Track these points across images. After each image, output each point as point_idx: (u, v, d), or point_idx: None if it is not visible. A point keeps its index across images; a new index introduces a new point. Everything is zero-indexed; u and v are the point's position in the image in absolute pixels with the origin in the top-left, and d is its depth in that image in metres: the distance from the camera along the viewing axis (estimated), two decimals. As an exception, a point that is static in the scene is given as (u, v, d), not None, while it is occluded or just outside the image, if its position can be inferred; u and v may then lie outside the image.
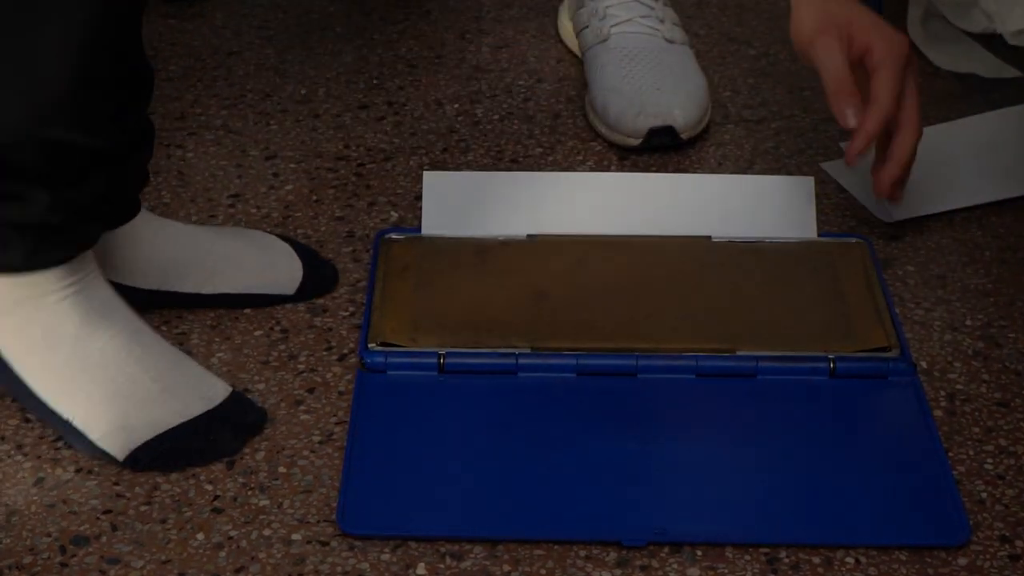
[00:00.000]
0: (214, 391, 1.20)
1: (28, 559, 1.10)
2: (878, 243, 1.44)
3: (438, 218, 1.41)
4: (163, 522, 1.13)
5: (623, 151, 1.58)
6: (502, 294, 1.33)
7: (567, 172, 1.53)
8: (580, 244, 1.38)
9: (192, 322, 1.33)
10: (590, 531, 1.12)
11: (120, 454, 1.16)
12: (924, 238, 1.46)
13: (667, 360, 1.25)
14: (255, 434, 1.20)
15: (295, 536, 1.12)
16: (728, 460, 1.19)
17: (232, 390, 1.21)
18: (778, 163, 1.57)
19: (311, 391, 1.26)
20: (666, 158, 1.58)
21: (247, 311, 1.34)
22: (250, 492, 1.16)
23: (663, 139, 1.56)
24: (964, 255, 1.43)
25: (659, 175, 1.48)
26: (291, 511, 1.14)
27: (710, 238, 1.40)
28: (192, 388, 1.19)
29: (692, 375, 1.24)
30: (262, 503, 1.15)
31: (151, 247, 1.31)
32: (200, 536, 1.12)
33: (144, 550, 1.11)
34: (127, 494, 1.15)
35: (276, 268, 1.35)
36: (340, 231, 1.46)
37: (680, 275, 1.37)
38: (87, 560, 1.10)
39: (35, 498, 1.15)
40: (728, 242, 1.39)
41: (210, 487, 1.16)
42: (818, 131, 1.63)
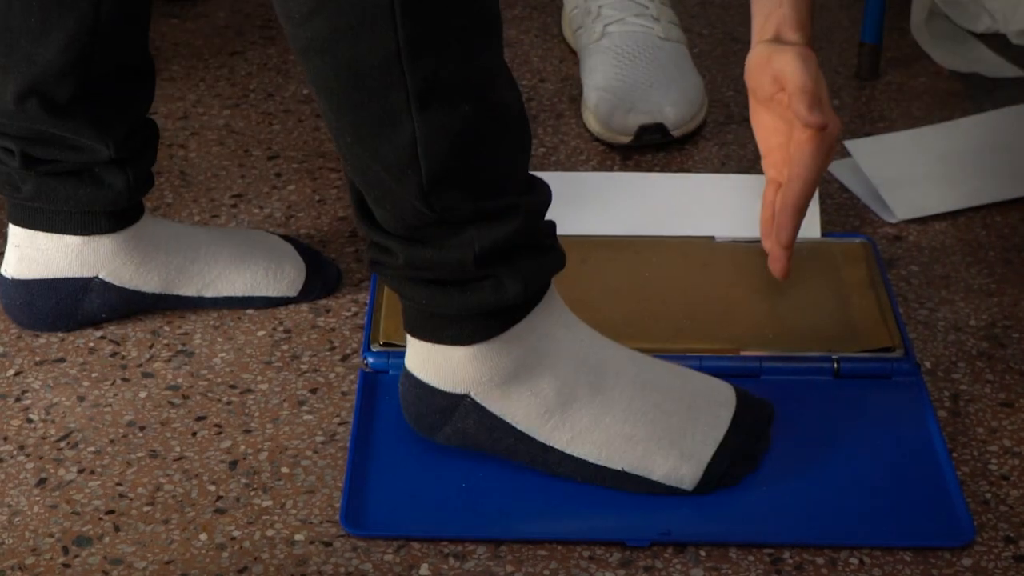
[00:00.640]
0: (725, 393, 1.18)
1: (31, 560, 1.10)
2: (882, 243, 1.44)
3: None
4: (166, 523, 1.13)
5: (625, 151, 1.58)
6: (505, 294, 1.32)
7: (570, 172, 1.53)
8: (583, 244, 1.38)
9: (195, 322, 1.33)
10: (593, 531, 1.12)
11: (690, 484, 1.14)
12: (928, 238, 1.45)
13: (671, 360, 1.24)
14: (772, 423, 1.18)
15: (298, 537, 1.12)
16: (732, 460, 1.18)
17: (733, 387, 1.18)
18: (781, 163, 1.57)
19: (314, 391, 1.26)
20: (669, 158, 1.58)
21: (250, 311, 1.34)
22: (253, 493, 1.16)
23: (654, 136, 1.56)
24: (968, 255, 1.43)
25: (662, 175, 1.48)
26: (294, 511, 1.14)
27: (713, 238, 1.40)
28: (710, 396, 1.17)
29: (696, 375, 1.24)
30: (265, 504, 1.15)
31: (154, 251, 1.31)
32: (203, 537, 1.12)
33: (147, 551, 1.11)
34: (130, 495, 1.15)
35: (279, 270, 1.34)
36: (343, 231, 1.46)
37: (683, 275, 1.37)
38: (90, 561, 1.10)
39: (37, 499, 1.15)
40: (731, 242, 1.39)
41: (213, 487, 1.16)
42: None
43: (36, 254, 1.29)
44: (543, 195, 1.11)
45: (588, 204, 1.42)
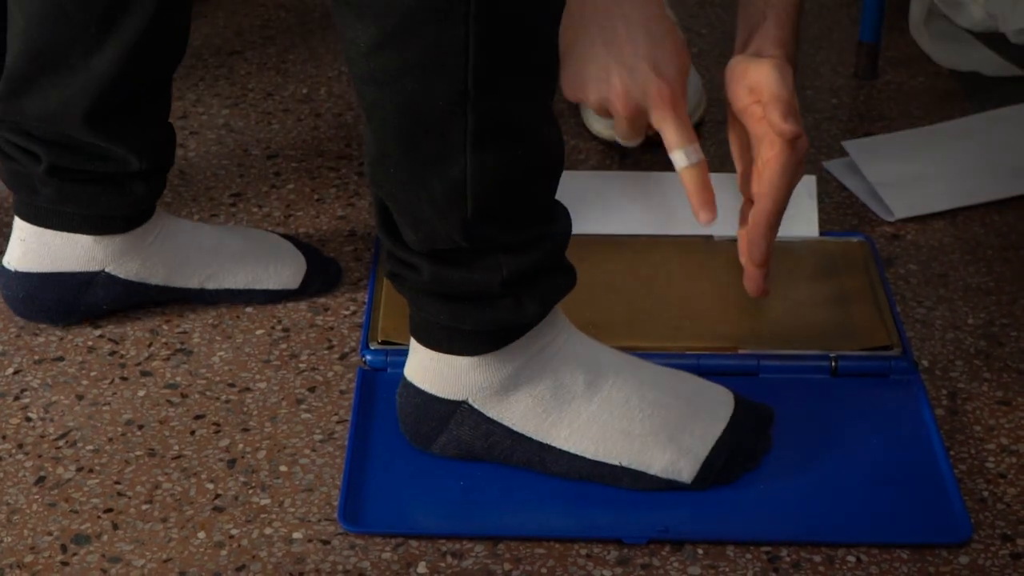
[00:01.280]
0: (724, 394, 1.18)
1: (29, 558, 1.10)
2: (880, 242, 1.44)
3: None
4: (164, 521, 1.13)
5: (624, 150, 1.58)
6: (503, 293, 1.33)
7: (569, 171, 1.53)
8: (582, 243, 1.37)
9: (194, 321, 1.33)
10: (591, 529, 1.12)
11: (688, 478, 1.14)
12: (926, 237, 1.45)
13: (669, 358, 1.24)
14: (772, 425, 1.19)
15: (296, 535, 1.12)
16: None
17: (732, 391, 1.19)
18: (780, 162, 1.57)
19: (312, 390, 1.26)
20: (668, 157, 1.57)
21: (248, 310, 1.34)
22: (251, 491, 1.16)
23: (652, 132, 1.55)
24: (966, 253, 1.43)
25: (661, 174, 1.48)
26: (292, 510, 1.14)
27: (711, 237, 1.40)
28: (708, 396, 1.17)
29: (694, 374, 1.23)
30: (263, 502, 1.15)
31: (160, 245, 1.31)
32: (201, 535, 1.12)
33: (145, 549, 1.11)
34: (128, 493, 1.15)
35: (280, 264, 1.35)
36: (342, 230, 1.46)
37: (681, 274, 1.37)
38: (88, 559, 1.10)
39: (36, 497, 1.15)
40: (730, 241, 1.39)
41: (211, 486, 1.16)
42: (820, 130, 1.63)
43: (43, 249, 1.29)
44: (567, 221, 1.12)
45: (587, 203, 1.42)
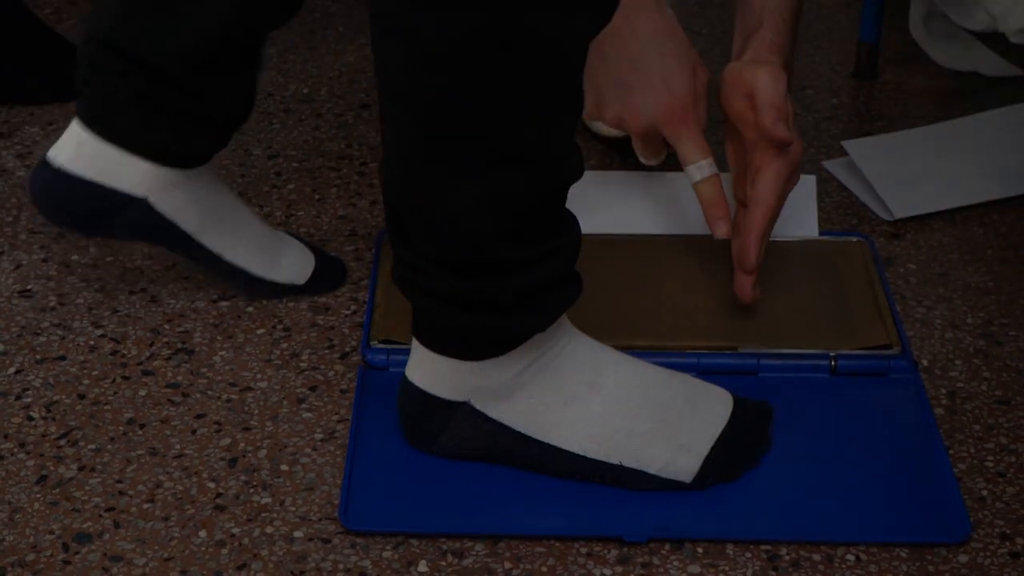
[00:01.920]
0: (723, 394, 1.18)
1: (31, 557, 1.10)
2: (879, 241, 1.44)
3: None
4: (165, 520, 1.13)
5: (625, 150, 1.58)
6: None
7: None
8: (582, 242, 1.38)
9: (195, 320, 1.33)
10: (591, 527, 1.12)
11: (688, 476, 1.15)
12: (925, 236, 1.46)
13: (669, 357, 1.25)
14: (770, 421, 1.19)
15: (297, 533, 1.12)
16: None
17: (731, 392, 1.19)
18: (780, 161, 1.57)
19: (313, 389, 1.26)
20: (669, 156, 1.58)
21: (249, 309, 1.35)
22: (252, 490, 1.16)
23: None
24: (965, 253, 1.43)
25: (661, 174, 1.48)
26: (293, 509, 1.14)
27: (712, 236, 1.40)
28: (708, 396, 1.17)
29: (694, 372, 1.24)
30: (264, 501, 1.15)
31: (203, 193, 1.31)
32: (202, 534, 1.12)
33: (146, 547, 1.11)
34: (129, 492, 1.16)
35: (289, 257, 1.35)
36: (342, 230, 1.46)
37: (681, 274, 1.37)
38: (90, 558, 1.10)
39: (38, 496, 1.15)
40: (730, 240, 1.39)
41: (212, 485, 1.16)
42: (819, 130, 1.63)
43: (98, 158, 1.27)
44: (577, 233, 1.12)
45: (587, 203, 1.42)
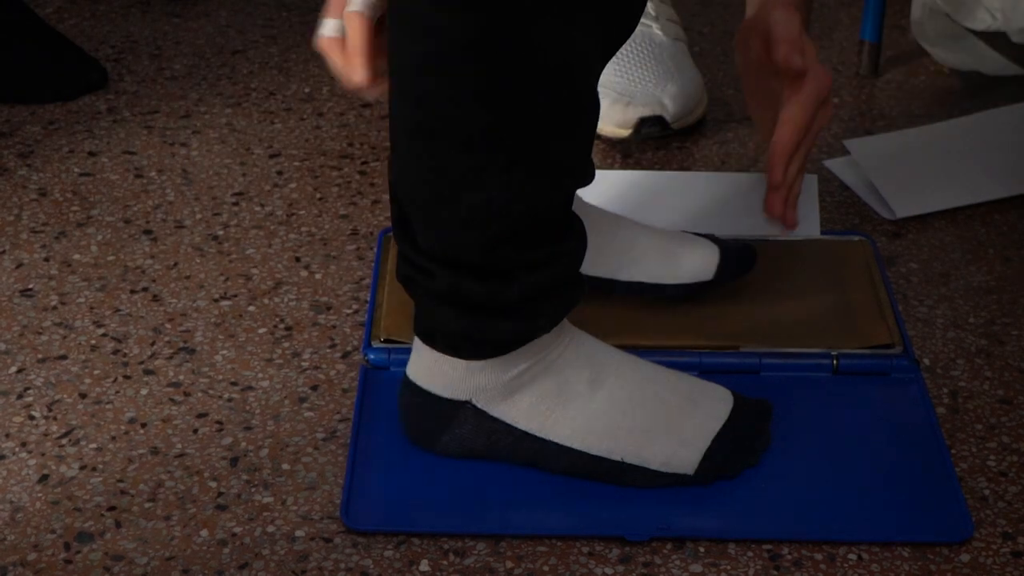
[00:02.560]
0: (723, 392, 1.18)
1: (33, 556, 1.10)
2: (881, 240, 1.44)
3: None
4: (167, 519, 1.13)
5: (626, 149, 1.58)
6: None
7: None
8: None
9: (196, 320, 1.33)
10: (593, 526, 1.12)
11: (690, 470, 1.15)
12: (927, 235, 1.46)
13: (671, 356, 1.25)
14: (770, 417, 1.18)
15: (299, 533, 1.12)
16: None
17: (730, 391, 1.19)
18: (781, 161, 1.57)
19: (315, 388, 1.26)
20: (669, 156, 1.58)
21: (251, 308, 1.35)
22: (254, 489, 1.16)
23: (653, 129, 1.56)
24: (967, 252, 1.43)
25: (662, 173, 1.48)
26: (295, 508, 1.14)
27: (714, 236, 1.40)
28: (708, 393, 1.17)
29: (696, 372, 1.24)
30: (266, 500, 1.15)
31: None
32: (204, 533, 1.12)
33: (148, 547, 1.11)
34: (131, 491, 1.16)
35: (689, 255, 1.31)
36: (344, 229, 1.46)
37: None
38: (91, 557, 1.10)
39: (39, 495, 1.15)
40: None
41: (214, 484, 1.16)
42: (821, 129, 1.63)
43: None
44: (583, 236, 1.12)
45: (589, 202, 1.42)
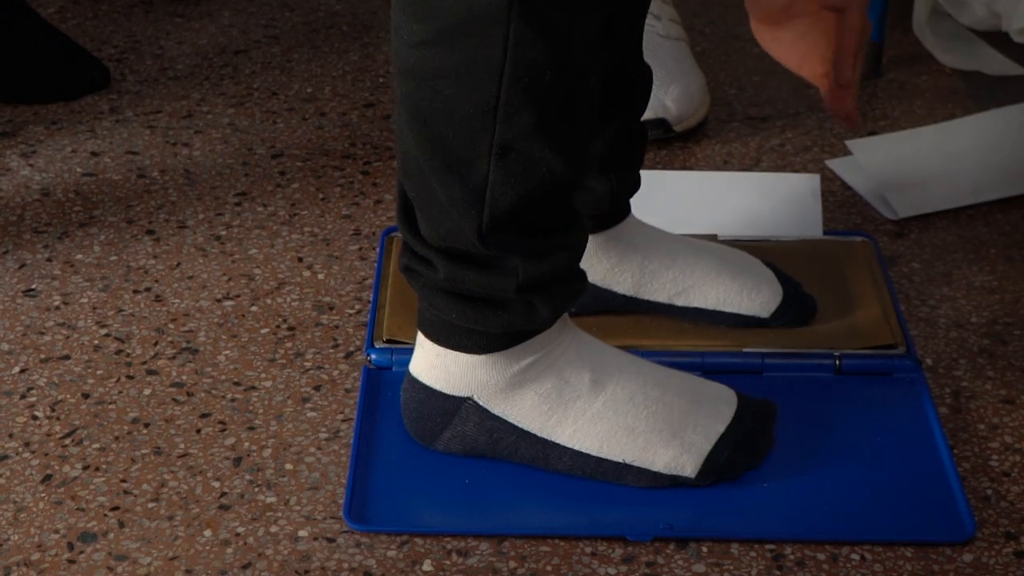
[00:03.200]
0: (727, 392, 1.18)
1: (36, 556, 1.10)
2: (883, 240, 1.44)
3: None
4: (170, 519, 1.13)
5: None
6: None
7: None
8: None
9: (199, 320, 1.33)
10: (596, 527, 1.12)
11: (692, 473, 1.15)
12: (930, 235, 1.46)
13: (673, 356, 1.25)
14: (774, 419, 1.18)
15: (302, 533, 1.12)
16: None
17: (735, 390, 1.18)
18: (784, 161, 1.57)
19: (318, 388, 1.26)
20: (671, 155, 1.58)
21: (254, 308, 1.35)
22: (257, 489, 1.16)
23: (655, 131, 1.57)
24: (970, 252, 1.43)
25: (664, 172, 1.48)
26: (298, 508, 1.14)
27: (716, 236, 1.40)
28: (711, 394, 1.17)
29: (698, 372, 1.24)
30: (269, 500, 1.15)
31: (632, 252, 1.28)
32: (207, 533, 1.12)
33: (151, 547, 1.11)
34: (134, 491, 1.16)
35: (755, 289, 1.30)
36: (347, 229, 1.46)
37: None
38: (95, 557, 1.10)
39: (43, 495, 1.15)
40: (734, 240, 1.40)
41: (217, 484, 1.16)
42: (824, 129, 1.63)
43: None
44: (584, 230, 1.12)
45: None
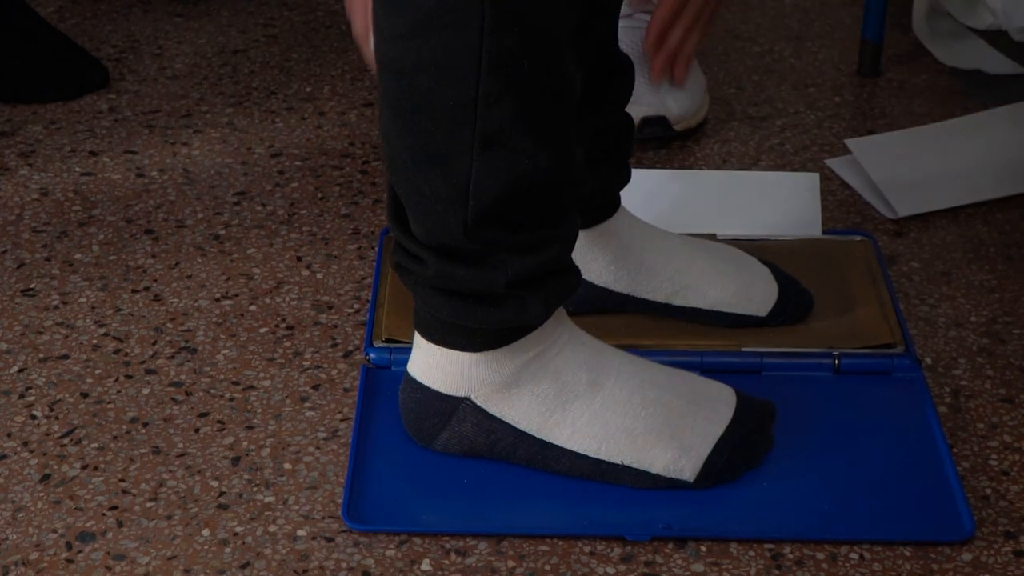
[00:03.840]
0: (726, 392, 1.18)
1: (34, 555, 1.10)
2: (883, 239, 1.44)
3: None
4: (169, 518, 1.13)
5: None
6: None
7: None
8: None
9: (197, 319, 1.33)
10: (595, 526, 1.12)
11: (690, 476, 1.14)
12: (929, 234, 1.46)
13: (671, 356, 1.25)
14: (774, 422, 1.18)
15: (300, 532, 1.12)
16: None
17: (735, 389, 1.18)
18: (783, 160, 1.57)
19: (316, 388, 1.26)
20: (671, 155, 1.58)
21: (252, 307, 1.35)
22: (255, 488, 1.16)
23: (655, 129, 1.57)
24: (969, 251, 1.43)
25: (663, 171, 1.48)
26: (296, 507, 1.14)
27: (715, 236, 1.40)
28: (710, 394, 1.17)
29: (697, 371, 1.24)
30: (267, 499, 1.15)
31: (626, 250, 1.27)
32: (206, 532, 1.12)
33: (150, 546, 1.11)
34: (132, 491, 1.16)
35: (751, 288, 1.29)
36: (345, 228, 1.46)
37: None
38: (93, 556, 1.10)
39: (41, 495, 1.15)
40: (733, 240, 1.40)
41: (215, 483, 1.16)
42: (823, 128, 1.63)
43: None
44: (574, 224, 1.11)
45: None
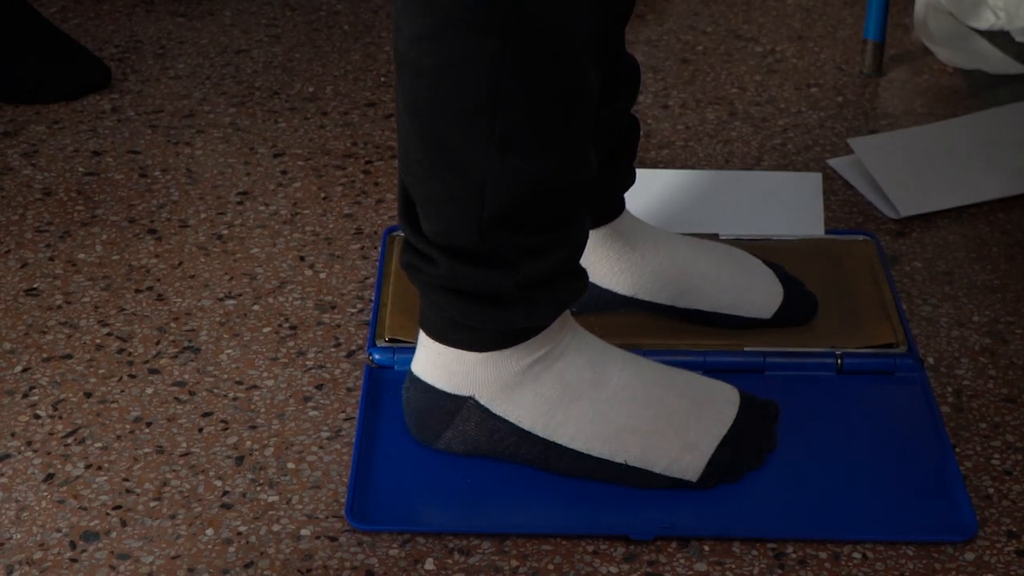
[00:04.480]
0: (730, 392, 1.18)
1: (38, 555, 1.10)
2: (885, 239, 1.44)
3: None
4: (172, 518, 1.13)
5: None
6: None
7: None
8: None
9: (201, 319, 1.33)
10: (597, 526, 1.12)
11: (694, 476, 1.15)
12: (931, 234, 1.46)
13: (675, 356, 1.25)
14: (776, 421, 1.18)
15: (304, 532, 1.12)
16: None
17: (738, 389, 1.18)
18: (785, 160, 1.57)
19: (319, 387, 1.26)
20: (672, 154, 1.58)
21: (255, 307, 1.35)
22: (259, 488, 1.16)
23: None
24: (971, 251, 1.43)
25: (665, 171, 1.48)
26: (300, 507, 1.14)
27: (717, 236, 1.40)
28: (714, 394, 1.17)
29: (700, 371, 1.24)
30: (271, 499, 1.15)
31: (630, 251, 1.27)
32: (209, 532, 1.12)
33: (153, 545, 1.11)
34: (137, 490, 1.16)
35: (754, 290, 1.30)
36: (348, 228, 1.46)
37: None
38: (97, 556, 1.10)
39: (45, 494, 1.16)
40: (735, 239, 1.40)
41: (219, 483, 1.16)
42: (825, 128, 1.63)
43: None
44: (585, 228, 1.11)
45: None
